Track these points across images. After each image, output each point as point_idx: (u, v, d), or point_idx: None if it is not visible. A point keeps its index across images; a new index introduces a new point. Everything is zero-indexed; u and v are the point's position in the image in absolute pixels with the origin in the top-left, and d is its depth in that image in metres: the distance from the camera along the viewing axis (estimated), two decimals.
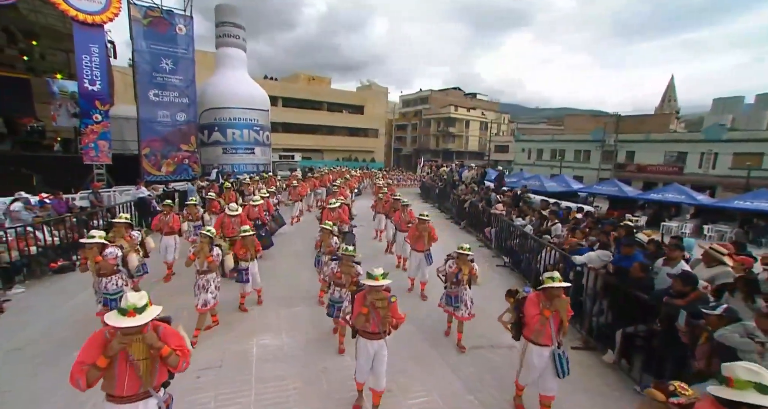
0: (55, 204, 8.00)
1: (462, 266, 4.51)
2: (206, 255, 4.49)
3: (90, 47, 12.79)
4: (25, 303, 5.53)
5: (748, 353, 2.61)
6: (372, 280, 3.22)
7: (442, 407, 3.59)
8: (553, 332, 3.18)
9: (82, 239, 4.42)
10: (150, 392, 2.31)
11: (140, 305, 2.21)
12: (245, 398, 3.57)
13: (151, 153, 14.38)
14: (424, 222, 6.22)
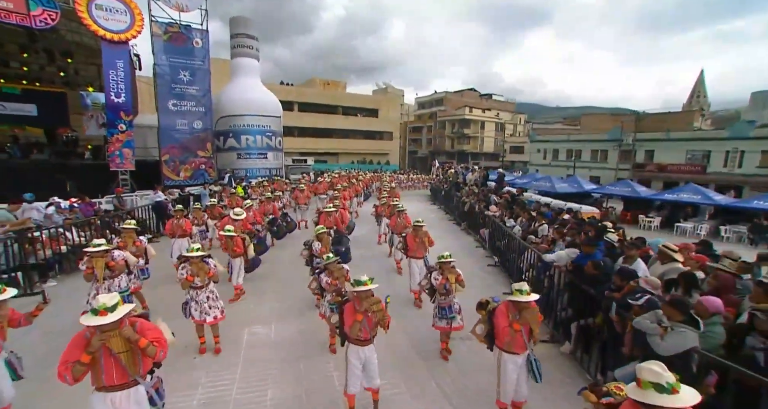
0: (82, 208, 8.86)
1: (448, 274, 4.46)
2: (206, 272, 4.47)
3: (116, 63, 13.86)
4: (58, 295, 6.23)
5: (653, 336, 2.92)
6: (362, 286, 3.27)
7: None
8: (525, 340, 3.27)
9: (87, 248, 4.68)
10: (138, 380, 2.59)
11: (110, 305, 2.43)
12: (232, 375, 4.11)
13: (171, 159, 15.37)
14: (420, 228, 6.22)
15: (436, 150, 53.28)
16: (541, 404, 3.75)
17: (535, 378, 3.33)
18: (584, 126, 41.07)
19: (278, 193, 11.38)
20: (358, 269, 7.96)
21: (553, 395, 3.90)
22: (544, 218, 7.57)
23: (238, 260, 6.10)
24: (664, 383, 1.82)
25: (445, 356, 4.65)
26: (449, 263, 4.47)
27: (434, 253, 9.23)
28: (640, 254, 4.51)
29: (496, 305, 3.51)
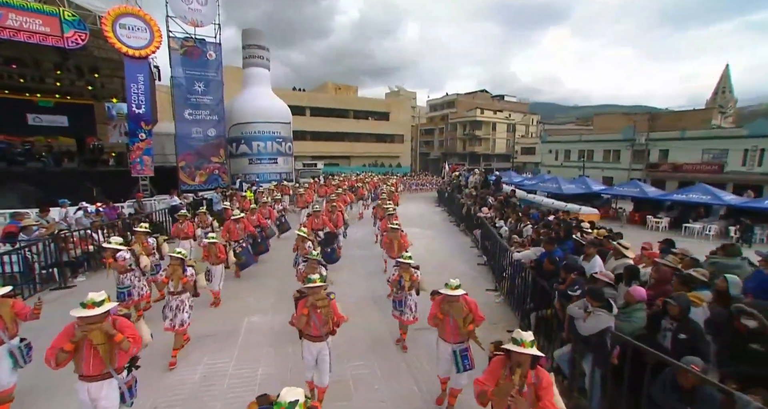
0: (107, 211, 9.76)
1: (403, 273, 4.78)
2: (180, 277, 4.52)
3: (137, 76, 14.92)
4: (86, 289, 7.03)
5: (577, 319, 3.37)
6: (311, 283, 3.54)
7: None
8: (451, 331, 3.55)
9: (104, 244, 5.40)
10: (111, 373, 2.81)
11: (98, 300, 2.75)
12: (230, 355, 4.74)
13: (187, 165, 16.34)
14: (395, 231, 6.66)
15: (447, 152, 53.48)
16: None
17: (457, 368, 3.54)
18: (597, 126, 40.58)
19: (278, 197, 12.00)
20: (353, 266, 8.61)
21: None
22: (530, 219, 7.96)
23: (220, 267, 6.37)
24: (519, 339, 2.36)
25: (404, 346, 5.01)
26: (409, 264, 4.76)
27: (432, 252, 9.81)
28: (598, 252, 4.90)
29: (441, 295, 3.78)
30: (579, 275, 4.05)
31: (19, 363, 3.59)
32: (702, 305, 3.37)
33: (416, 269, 4.94)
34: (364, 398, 4.00)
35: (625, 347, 3.11)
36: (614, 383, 3.23)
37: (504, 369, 2.47)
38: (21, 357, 3.60)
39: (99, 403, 2.82)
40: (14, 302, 3.65)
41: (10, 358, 3.50)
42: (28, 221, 7.19)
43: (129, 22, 14.30)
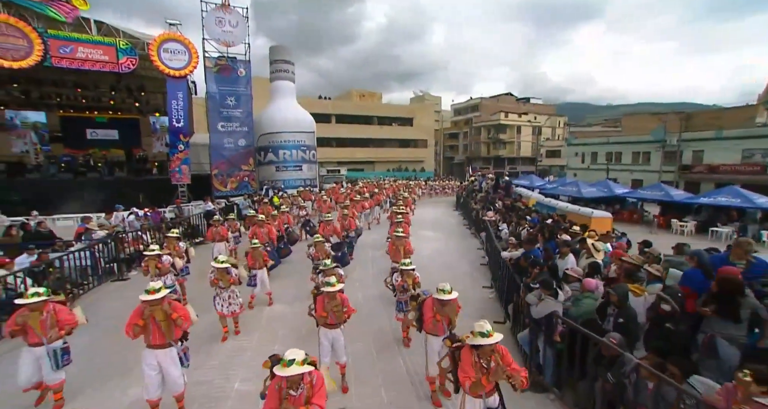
0: (152, 216, 11.16)
1: (407, 278, 5.22)
2: (228, 279, 5.47)
3: (177, 94, 16.61)
4: (139, 281, 8.18)
5: (532, 305, 4.00)
6: (330, 286, 4.02)
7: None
8: (445, 327, 3.94)
9: (145, 251, 6.04)
10: (171, 343, 3.68)
11: (157, 288, 3.60)
12: (252, 337, 5.67)
13: (219, 173, 17.86)
14: (400, 238, 6.99)
15: (472, 156, 53.47)
16: None
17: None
18: (626, 127, 39.44)
19: (302, 204, 12.98)
20: (365, 266, 9.40)
21: None
22: (528, 222, 8.47)
23: (263, 270, 6.80)
24: (484, 331, 2.82)
25: (407, 343, 5.44)
26: (409, 270, 5.22)
27: (440, 253, 10.46)
28: (572, 251, 5.45)
29: (425, 298, 4.13)
30: (541, 270, 4.65)
31: (53, 366, 3.84)
32: (643, 294, 3.91)
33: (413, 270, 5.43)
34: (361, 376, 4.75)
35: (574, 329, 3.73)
36: (564, 359, 3.85)
37: (473, 357, 2.88)
38: (54, 360, 3.86)
39: (165, 365, 3.68)
40: (59, 309, 3.98)
41: (49, 358, 3.85)
42: (93, 223, 8.56)
43: (171, 46, 16.00)
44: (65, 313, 3.99)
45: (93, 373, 4.64)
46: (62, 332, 3.94)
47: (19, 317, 3.75)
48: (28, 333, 3.79)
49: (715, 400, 2.27)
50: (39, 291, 3.83)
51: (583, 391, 3.49)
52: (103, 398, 4.17)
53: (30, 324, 3.75)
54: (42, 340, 3.79)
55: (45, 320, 3.80)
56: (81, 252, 7.45)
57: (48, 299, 3.87)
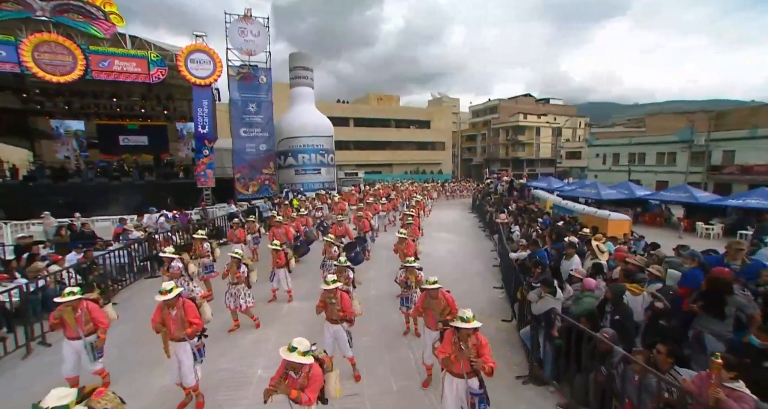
0: (180, 218, 11.87)
1: (409, 275, 5.56)
2: (235, 272, 5.84)
3: (202, 102, 17.48)
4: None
5: (533, 302, 4.23)
6: (326, 285, 4.40)
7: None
8: (434, 322, 4.17)
9: (161, 254, 6.31)
10: (185, 338, 3.96)
11: (169, 289, 3.94)
12: (272, 329, 6.10)
13: (242, 177, 18.63)
14: (402, 241, 7.38)
15: (490, 158, 53.11)
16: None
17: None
18: (650, 127, 38.36)
19: (319, 206, 13.44)
20: (380, 266, 9.74)
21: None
22: (539, 224, 8.61)
23: (282, 270, 7.18)
24: (464, 317, 3.18)
25: (418, 334, 5.79)
26: (413, 267, 5.60)
27: (453, 254, 10.69)
28: (577, 252, 5.62)
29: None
30: (544, 270, 4.86)
31: (90, 358, 4.18)
32: (641, 294, 4.08)
33: (419, 270, 5.78)
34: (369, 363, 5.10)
35: (571, 325, 3.95)
36: (563, 354, 4.07)
37: (454, 338, 3.28)
38: (89, 352, 4.18)
39: (179, 356, 4.02)
40: (92, 307, 4.29)
41: (87, 350, 4.20)
42: (129, 225, 9.26)
43: (197, 56, 16.88)
44: (97, 311, 4.30)
45: (127, 363, 5.06)
46: (102, 336, 4.30)
47: (57, 311, 4.14)
48: (66, 327, 4.17)
49: (690, 385, 2.48)
50: (74, 290, 4.18)
51: (579, 384, 3.69)
52: (138, 386, 4.57)
53: (66, 319, 4.12)
54: (79, 334, 4.16)
55: (80, 317, 4.16)
56: (119, 251, 8.11)
57: (82, 297, 4.21)
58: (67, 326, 4.16)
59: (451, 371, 3.32)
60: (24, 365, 5.08)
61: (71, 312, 4.13)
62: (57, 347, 5.36)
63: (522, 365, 4.61)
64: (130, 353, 5.34)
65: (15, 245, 8.22)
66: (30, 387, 4.41)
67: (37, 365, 5.00)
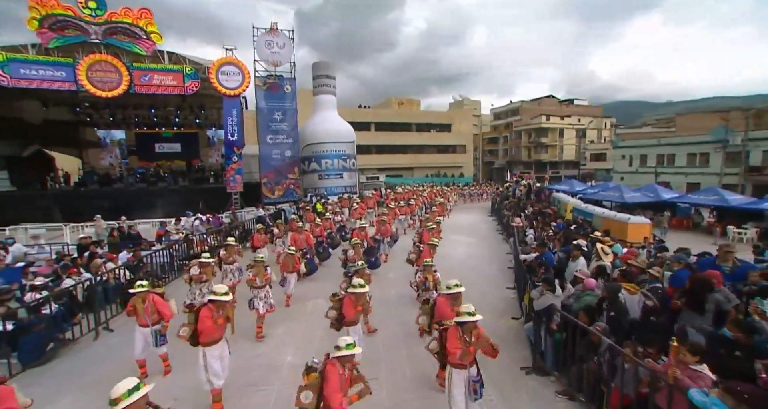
0: (213, 221, 12.80)
1: (427, 275, 5.81)
2: (264, 275, 6.10)
3: (232, 111, 18.58)
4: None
5: (536, 299, 4.62)
6: (360, 288, 4.64)
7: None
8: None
9: (201, 259, 6.50)
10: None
11: (222, 292, 4.14)
12: (299, 324, 6.68)
13: (268, 181, 19.60)
14: (417, 248, 7.96)
15: (512, 160, 52.59)
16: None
17: None
18: (680, 127, 37.04)
19: (338, 210, 14.02)
20: (399, 268, 10.18)
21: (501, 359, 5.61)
22: (552, 228, 8.87)
23: (294, 275, 7.48)
24: (469, 312, 3.46)
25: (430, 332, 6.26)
26: (431, 266, 5.93)
27: (471, 256, 11.06)
28: (582, 253, 5.94)
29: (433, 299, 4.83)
30: (547, 270, 5.23)
31: (153, 344, 4.70)
32: (637, 293, 4.39)
33: (435, 271, 6.15)
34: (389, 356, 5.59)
35: (568, 319, 4.33)
36: (562, 347, 4.44)
37: (459, 333, 3.49)
38: (154, 339, 4.74)
39: (223, 353, 4.33)
40: (157, 299, 4.80)
41: (151, 337, 4.78)
42: (170, 227, 10.20)
43: (227, 69, 18.00)
44: (161, 304, 4.81)
45: (174, 357, 5.23)
46: (166, 324, 4.85)
47: (132, 301, 4.78)
48: (137, 315, 4.77)
49: (658, 367, 2.84)
50: (143, 283, 4.80)
51: (574, 373, 4.06)
52: (186, 378, 4.83)
53: (137, 308, 4.72)
54: (147, 322, 4.74)
55: (147, 307, 4.72)
56: (161, 251, 8.99)
57: (149, 290, 4.80)
58: (138, 314, 4.75)
59: (461, 364, 3.47)
60: (95, 346, 5.93)
61: (141, 302, 4.71)
62: (119, 332, 6.22)
63: (527, 358, 5.00)
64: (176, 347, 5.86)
65: (77, 244, 9.27)
66: (101, 364, 5.18)
67: (104, 346, 5.81)
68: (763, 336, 2.91)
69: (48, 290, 5.94)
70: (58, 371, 5.14)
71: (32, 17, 13.64)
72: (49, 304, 5.65)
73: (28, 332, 5.00)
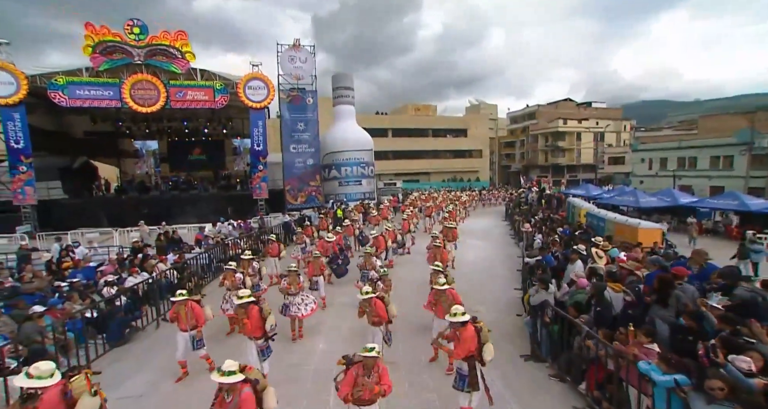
0: (243, 226, 13.94)
1: (433, 276, 6.36)
2: (297, 283, 6.58)
3: (258, 122, 19.85)
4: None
5: (532, 295, 5.34)
6: (362, 295, 5.07)
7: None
8: (443, 312, 4.78)
9: (225, 266, 7.29)
10: (251, 338, 4.72)
11: (245, 295, 4.79)
12: (324, 323, 7.52)
13: (291, 189, 20.74)
14: (438, 247, 8.52)
15: (529, 164, 52.52)
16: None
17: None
18: (702, 129, 36.34)
19: (355, 218, 14.80)
20: (414, 268, 10.94)
21: (504, 349, 6.32)
22: (559, 233, 9.49)
23: (321, 278, 8.13)
24: (458, 312, 3.92)
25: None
26: (439, 270, 6.33)
27: (482, 259, 11.75)
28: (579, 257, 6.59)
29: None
30: (544, 271, 5.93)
31: (192, 347, 5.12)
32: (621, 291, 5.05)
33: (446, 275, 6.66)
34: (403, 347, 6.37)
35: (559, 314, 5.04)
36: (555, 337, 5.15)
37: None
38: (191, 343, 5.16)
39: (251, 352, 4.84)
40: (195, 307, 5.24)
41: (190, 342, 5.22)
42: (208, 232, 11.33)
43: (254, 83, 19.28)
44: (198, 311, 5.28)
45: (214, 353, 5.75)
46: (199, 328, 5.29)
47: (175, 308, 5.25)
48: (179, 321, 5.21)
49: (620, 347, 3.55)
50: (183, 292, 5.31)
51: (563, 358, 4.76)
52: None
53: (180, 314, 5.18)
54: (186, 327, 5.20)
55: (187, 313, 5.18)
56: (202, 254, 10.09)
57: (188, 298, 5.27)
58: (180, 320, 5.23)
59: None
60: (157, 333, 7.02)
61: (183, 309, 5.20)
62: (171, 325, 7.20)
63: (526, 347, 5.72)
64: (219, 343, 6.55)
65: (131, 247, 10.51)
66: (164, 348, 6.13)
67: (165, 334, 6.69)
68: (709, 323, 3.56)
69: (117, 286, 7.04)
70: (134, 352, 6.25)
71: (87, 44, 15.27)
72: (120, 297, 6.73)
73: (113, 318, 6.07)
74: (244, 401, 3.01)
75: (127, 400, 4.73)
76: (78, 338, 5.65)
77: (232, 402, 3.02)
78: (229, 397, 3.04)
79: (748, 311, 3.52)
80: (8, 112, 15.19)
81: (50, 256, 9.55)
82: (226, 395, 3.06)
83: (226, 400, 3.05)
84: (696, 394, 2.71)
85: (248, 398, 3.04)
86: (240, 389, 3.04)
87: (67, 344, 5.40)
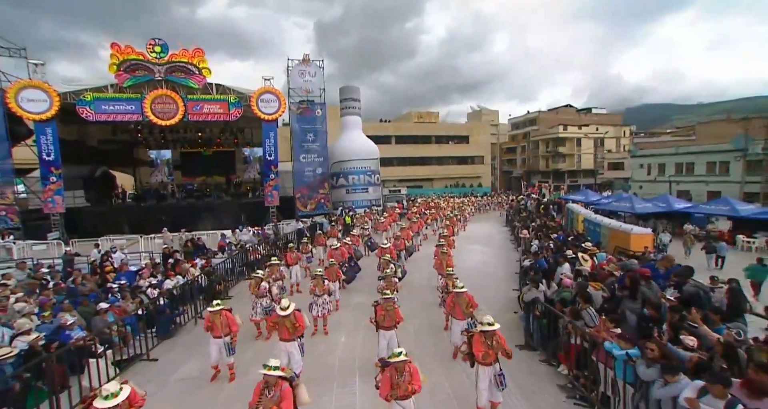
0: (260, 232, 14.86)
1: (448, 281, 7.02)
2: (322, 286, 7.28)
3: (270, 133, 20.84)
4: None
5: (525, 293, 6.21)
6: (386, 295, 5.68)
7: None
8: (460, 313, 5.86)
9: (253, 274, 7.78)
10: (294, 338, 5.27)
11: (286, 306, 5.23)
12: (342, 324, 8.31)
13: (301, 196, 21.70)
14: (444, 254, 9.13)
15: (530, 170, 53.37)
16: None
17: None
18: (700, 135, 37.16)
19: (366, 226, 15.67)
20: (423, 274, 11.77)
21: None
22: (551, 239, 10.36)
23: (336, 283, 8.69)
24: (489, 322, 4.35)
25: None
26: (452, 274, 7.26)
27: (483, 263, 12.58)
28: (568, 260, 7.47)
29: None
30: (536, 273, 6.81)
31: (227, 353, 5.50)
32: (600, 289, 5.92)
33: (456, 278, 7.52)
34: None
35: (547, 308, 5.92)
36: (545, 329, 6.02)
37: (482, 338, 4.35)
38: (225, 349, 5.54)
39: (291, 353, 5.27)
40: (228, 315, 5.65)
41: (224, 348, 5.57)
42: (231, 238, 12.27)
43: (266, 96, 20.30)
44: (231, 319, 5.70)
45: (243, 354, 6.39)
46: (235, 337, 5.76)
47: (210, 317, 5.63)
48: (214, 329, 5.58)
49: (592, 331, 4.44)
50: (218, 302, 5.78)
51: (551, 346, 5.63)
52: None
53: (216, 323, 5.57)
54: (221, 334, 5.57)
55: (222, 322, 5.58)
56: (226, 259, 11.00)
57: (222, 307, 5.70)
58: (215, 328, 5.57)
59: (484, 362, 4.29)
60: (195, 330, 7.85)
61: (218, 318, 5.60)
62: None
63: (520, 338, 6.59)
64: (249, 346, 7.33)
65: (162, 253, 11.46)
66: (203, 343, 6.72)
67: (200, 331, 7.49)
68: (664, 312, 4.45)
69: (159, 288, 7.97)
70: (180, 344, 7.18)
71: (112, 63, 16.40)
72: (162, 298, 7.65)
73: (162, 314, 7.00)
74: (285, 393, 3.48)
75: (186, 381, 5.62)
76: (133, 332, 6.57)
77: (274, 396, 3.45)
78: (270, 392, 3.46)
79: (691, 301, 4.39)
80: (42, 127, 16.31)
81: (93, 259, 10.51)
82: (267, 392, 3.47)
83: (267, 395, 3.45)
84: (640, 361, 3.58)
85: (288, 392, 3.52)
86: (281, 384, 3.51)
87: (126, 336, 6.32)
